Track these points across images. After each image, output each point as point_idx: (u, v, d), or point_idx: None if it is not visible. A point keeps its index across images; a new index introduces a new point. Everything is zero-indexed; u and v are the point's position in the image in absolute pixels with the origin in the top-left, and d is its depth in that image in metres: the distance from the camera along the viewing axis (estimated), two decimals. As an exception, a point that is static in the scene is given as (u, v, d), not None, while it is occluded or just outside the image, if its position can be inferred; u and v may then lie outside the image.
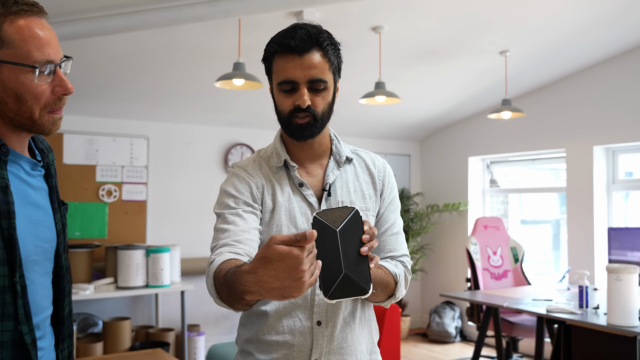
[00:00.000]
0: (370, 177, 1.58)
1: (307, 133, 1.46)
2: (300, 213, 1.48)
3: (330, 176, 1.53)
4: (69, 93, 1.26)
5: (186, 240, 5.39)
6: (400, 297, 1.51)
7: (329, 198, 1.51)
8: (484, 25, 4.05)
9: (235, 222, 1.41)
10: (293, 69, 1.41)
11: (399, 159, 6.87)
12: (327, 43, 1.44)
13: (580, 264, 5.12)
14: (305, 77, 1.41)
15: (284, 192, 1.50)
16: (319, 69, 1.42)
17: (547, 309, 3.58)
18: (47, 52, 1.21)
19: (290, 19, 3.59)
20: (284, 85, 1.43)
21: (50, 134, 1.27)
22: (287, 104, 1.44)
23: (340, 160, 1.56)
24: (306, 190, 1.50)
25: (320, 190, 1.52)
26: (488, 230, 5.28)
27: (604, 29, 4.30)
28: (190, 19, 3.29)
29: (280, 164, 1.52)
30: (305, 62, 1.41)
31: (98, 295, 4.29)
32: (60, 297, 1.34)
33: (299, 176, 1.51)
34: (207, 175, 5.59)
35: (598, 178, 5.11)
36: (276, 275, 0.98)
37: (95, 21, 3.28)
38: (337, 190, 1.52)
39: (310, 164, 1.55)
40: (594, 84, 5.08)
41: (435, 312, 6.25)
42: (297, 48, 1.40)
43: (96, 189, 5.08)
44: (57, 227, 1.33)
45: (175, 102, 5.05)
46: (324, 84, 1.44)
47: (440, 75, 5.00)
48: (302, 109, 1.43)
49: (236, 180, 1.50)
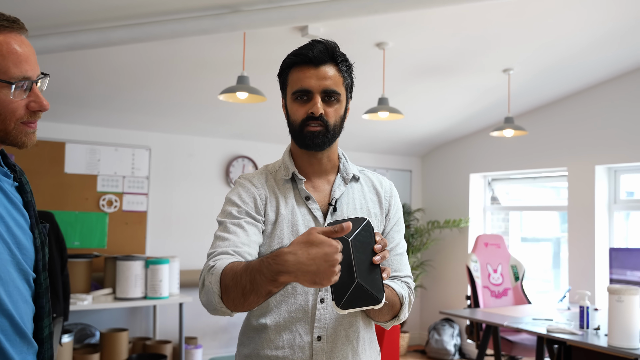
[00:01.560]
0: (377, 197, 1.61)
1: (318, 141, 1.49)
2: (304, 226, 1.49)
3: (337, 191, 1.55)
4: (44, 110, 1.26)
5: (186, 252, 5.37)
6: (403, 320, 1.51)
7: (335, 213, 1.52)
8: (487, 43, 4.06)
9: (236, 233, 1.42)
10: (309, 78, 1.46)
11: (401, 175, 6.87)
12: (342, 60, 1.51)
13: (581, 283, 5.09)
14: (320, 87, 1.46)
15: (287, 204, 1.51)
16: (333, 81, 1.48)
17: (548, 328, 3.56)
18: (24, 69, 1.22)
19: (294, 34, 3.60)
20: (298, 94, 1.48)
21: (24, 147, 1.26)
22: (300, 113, 1.48)
23: (347, 177, 1.58)
24: (312, 204, 1.52)
25: (326, 205, 1.53)
26: (489, 247, 5.27)
27: (607, 49, 4.32)
28: (196, 32, 3.31)
29: (288, 176, 1.53)
30: (320, 72, 1.47)
31: (96, 305, 4.28)
32: (39, 315, 1.32)
33: (306, 189, 1.53)
34: (208, 187, 5.59)
35: (599, 197, 5.10)
36: (314, 259, 1.08)
37: (101, 32, 3.30)
38: (343, 206, 1.54)
39: (318, 179, 1.57)
40: (597, 104, 5.09)
41: (435, 329, 6.22)
42: (314, 59, 1.46)
43: (97, 198, 5.07)
44: (36, 242, 1.31)
45: (178, 113, 5.05)
46: (337, 96, 1.49)
47: (443, 92, 5.01)
48: (315, 118, 1.47)
49: (242, 190, 1.52)
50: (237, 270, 1.22)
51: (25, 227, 1.29)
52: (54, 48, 3.31)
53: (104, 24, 3.32)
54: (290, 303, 1.46)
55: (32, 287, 1.29)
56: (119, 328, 4.76)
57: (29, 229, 1.30)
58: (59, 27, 3.30)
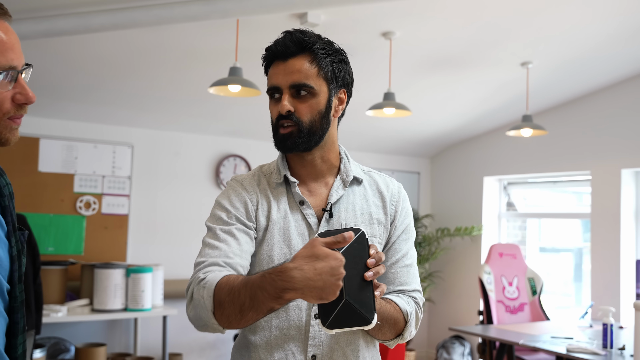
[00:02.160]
0: (381, 201, 1.58)
1: (290, 144, 1.47)
2: (297, 233, 1.48)
3: (334, 195, 1.53)
4: (30, 102, 1.25)
5: (171, 259, 5.36)
6: (408, 339, 1.50)
7: (331, 220, 1.50)
8: (504, 34, 4.06)
9: (227, 241, 1.42)
10: (277, 74, 1.48)
11: (407, 177, 6.87)
12: (318, 47, 1.47)
13: (605, 298, 5.09)
14: (287, 82, 1.46)
15: (280, 209, 1.50)
16: (302, 74, 1.45)
17: (568, 348, 3.56)
18: (10, 57, 1.21)
19: (293, 21, 3.60)
20: (270, 92, 1.50)
21: (7, 144, 1.25)
22: (274, 113, 1.50)
23: (346, 179, 1.55)
24: (306, 209, 1.50)
25: (322, 210, 1.51)
26: (503, 258, 5.27)
27: (635, 40, 4.32)
28: (184, 18, 3.31)
29: (280, 179, 1.53)
30: (288, 67, 1.46)
31: (71, 318, 4.27)
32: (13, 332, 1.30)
33: (300, 193, 1.52)
34: (196, 188, 5.58)
35: (626, 204, 5.11)
36: (320, 274, 1.12)
37: (80, 17, 3.29)
38: (340, 212, 1.52)
39: (314, 182, 1.55)
40: (624, 101, 5.09)
41: (443, 347, 6.21)
42: (280, 54, 1.47)
43: (73, 200, 5.07)
44: (12, 252, 1.30)
45: (164, 107, 5.05)
46: (308, 89, 1.46)
47: (455, 87, 5.01)
48: (283, 117, 1.46)
49: (232, 193, 1.52)
50: (234, 285, 1.24)
51: (0, 234, 1.28)
52: (28, 34, 3.30)
53: (84, 8, 3.32)
54: (282, 319, 1.45)
55: (6, 299, 1.28)
56: (97, 343, 4.75)
57: (5, 236, 1.29)
58: (34, 11, 3.29)
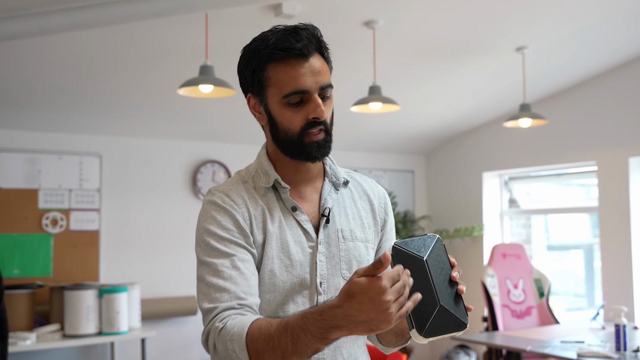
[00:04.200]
0: (369, 205, 1.63)
1: (324, 150, 1.49)
2: (294, 242, 1.49)
3: (329, 200, 1.55)
4: None
5: (147, 277, 5.34)
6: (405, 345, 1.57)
7: (328, 225, 1.52)
8: (495, 18, 4.08)
9: (232, 278, 1.40)
10: (304, 76, 1.43)
11: (401, 176, 6.88)
12: (326, 46, 1.49)
13: (617, 297, 5.12)
14: (317, 84, 1.44)
15: (274, 218, 1.50)
16: (327, 74, 1.47)
17: (579, 352, 3.58)
18: None
19: (266, 13, 3.60)
20: (293, 97, 1.44)
21: None
22: (298, 120, 1.46)
23: (337, 182, 1.58)
24: (300, 215, 1.52)
25: (317, 216, 1.54)
26: (507, 259, 5.29)
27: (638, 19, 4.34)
28: (148, 15, 3.30)
29: (269, 184, 1.52)
30: (314, 66, 1.44)
31: (41, 345, 4.24)
32: None
33: (292, 199, 1.52)
34: (171, 199, 5.57)
35: (635, 195, 5.13)
36: (361, 308, 1.15)
37: (34, 18, 3.28)
38: (334, 217, 1.55)
39: (304, 187, 1.56)
40: (630, 85, 5.12)
41: (447, 358, 6.22)
42: (304, 50, 1.43)
43: (39, 217, 5.04)
44: None
45: (133, 112, 5.04)
46: (330, 90, 1.48)
47: (446, 78, 5.02)
48: (318, 123, 1.45)
49: (217, 214, 1.48)
50: (271, 333, 1.27)
51: None
52: (-21, 39, 3.29)
53: (37, 8, 3.30)
54: None
55: None
56: (70, 371, 4.73)
57: None
58: (-16, 14, 3.28)
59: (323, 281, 1.49)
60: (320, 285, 1.48)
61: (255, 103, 1.52)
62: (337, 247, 1.52)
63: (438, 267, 1.24)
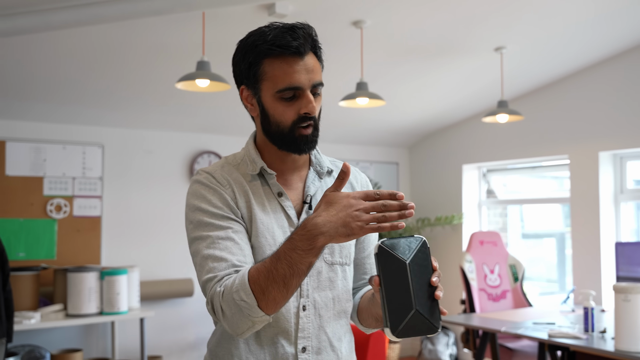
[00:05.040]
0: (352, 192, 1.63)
1: (311, 145, 1.49)
2: (278, 225, 1.49)
3: (311, 187, 1.55)
4: None
5: (146, 260, 5.34)
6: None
7: (310, 211, 1.52)
8: (477, 19, 4.09)
9: (229, 249, 1.40)
10: (298, 73, 1.43)
11: (386, 168, 6.89)
12: (319, 44, 1.49)
13: (586, 282, 5.16)
14: (310, 82, 1.45)
15: (257, 202, 1.50)
16: (319, 72, 1.48)
17: (549, 333, 3.60)
18: None
19: (260, 12, 3.60)
20: (286, 92, 1.43)
21: None
22: (290, 114, 1.45)
23: (321, 171, 1.59)
24: (285, 201, 1.51)
25: (300, 203, 1.54)
26: (484, 246, 5.31)
27: (610, 22, 4.37)
28: (148, 13, 3.29)
29: (255, 171, 1.52)
30: (308, 64, 1.44)
31: (45, 324, 4.23)
32: None
33: (279, 184, 1.52)
34: (170, 187, 5.56)
35: (604, 187, 5.17)
36: (337, 213, 1.24)
37: (40, 15, 3.26)
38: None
39: (290, 175, 1.56)
40: (600, 84, 5.15)
41: (428, 338, 6.26)
42: (300, 49, 1.42)
43: (44, 203, 5.03)
44: None
45: (133, 105, 5.02)
46: (321, 88, 1.49)
47: (429, 75, 5.03)
48: (309, 118, 1.46)
49: (206, 192, 1.47)
50: (267, 267, 1.29)
51: None
52: (-12, 34, 3.27)
53: (44, 5, 3.28)
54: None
55: None
56: (72, 349, 4.73)
57: None
58: (-7, 10, 3.26)
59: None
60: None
61: (248, 95, 1.51)
62: None
63: (419, 271, 1.24)
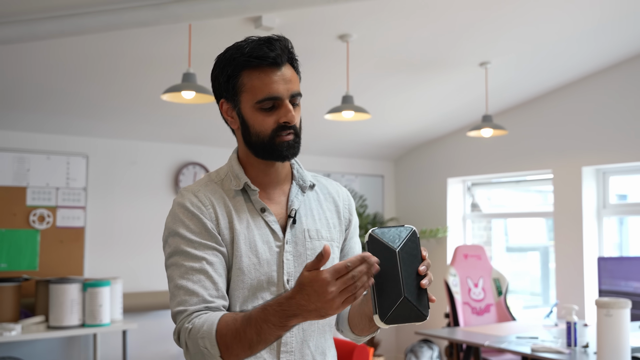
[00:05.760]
0: (334, 206, 1.64)
1: (294, 150, 1.50)
2: (262, 241, 1.49)
3: (295, 202, 1.56)
4: None
5: (130, 272, 5.30)
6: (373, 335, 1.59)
7: (294, 226, 1.53)
8: (462, 34, 4.12)
9: (201, 282, 1.41)
10: (277, 83, 1.45)
11: (371, 180, 6.90)
12: (295, 56, 1.52)
13: (569, 296, 5.18)
14: (288, 92, 1.47)
15: (242, 219, 1.50)
16: (297, 83, 1.50)
17: (532, 348, 3.61)
18: None
19: (247, 25, 3.60)
20: (265, 102, 1.45)
21: None
22: (269, 123, 1.47)
23: (304, 185, 1.59)
24: (269, 216, 1.52)
25: (284, 217, 1.54)
26: (469, 259, 5.33)
27: (594, 39, 4.41)
28: (134, 24, 3.28)
29: (239, 187, 1.52)
30: (285, 75, 1.46)
31: (26, 336, 4.19)
32: None
33: (261, 200, 1.53)
34: (154, 198, 5.53)
35: (587, 201, 5.20)
36: (309, 298, 1.20)
37: (25, 25, 3.24)
38: (301, 218, 1.56)
39: (273, 190, 1.57)
40: (583, 100, 5.19)
41: (412, 352, 6.24)
42: (278, 59, 1.45)
43: (26, 213, 4.98)
44: None
45: (118, 115, 5.00)
46: (299, 98, 1.50)
47: (415, 89, 5.05)
48: (289, 127, 1.47)
49: (185, 218, 1.47)
50: (237, 327, 1.30)
51: None
52: (-29, 43, 3.25)
53: (29, 15, 3.27)
54: None
55: None
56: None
57: None
58: (-23, 19, 3.24)
59: (290, 279, 1.49)
60: (288, 282, 1.49)
61: (228, 108, 1.53)
62: (304, 246, 1.53)
63: (408, 260, 1.26)
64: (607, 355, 3.14)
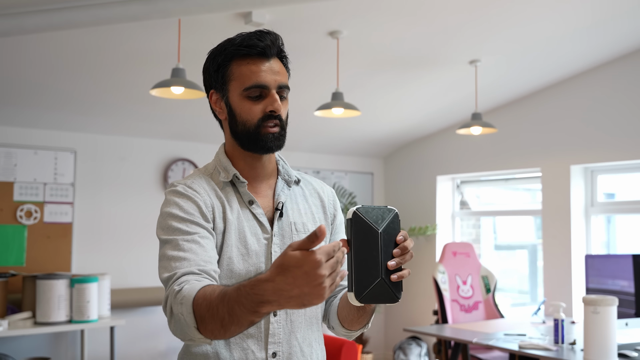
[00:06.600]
0: (320, 202, 1.68)
1: (279, 143, 1.52)
2: (251, 233, 1.51)
3: (282, 195, 1.59)
4: None
5: (118, 268, 5.28)
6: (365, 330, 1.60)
7: (281, 219, 1.56)
8: (452, 32, 4.12)
9: (192, 250, 1.40)
10: (264, 72, 1.49)
11: (361, 178, 6.91)
12: (285, 53, 1.56)
13: (557, 294, 5.21)
14: (275, 82, 1.50)
15: (232, 209, 1.52)
16: (285, 76, 1.53)
17: (520, 344, 3.63)
18: None
19: (237, 20, 3.59)
20: (252, 90, 1.49)
21: None
22: (256, 112, 1.50)
23: (289, 180, 1.63)
24: (256, 209, 1.54)
25: (271, 210, 1.57)
26: (457, 257, 5.34)
27: (583, 38, 4.43)
28: (124, 18, 3.26)
29: (227, 179, 1.54)
30: (273, 67, 1.50)
31: (13, 332, 4.16)
32: None
33: (249, 193, 1.55)
34: (143, 194, 5.51)
35: (575, 200, 5.23)
36: (294, 282, 1.06)
37: (13, 18, 3.21)
38: (288, 211, 1.59)
39: (259, 183, 1.59)
40: (572, 98, 5.22)
41: (400, 349, 6.26)
42: (267, 50, 1.49)
43: (14, 209, 4.95)
44: None
45: (107, 111, 4.97)
46: (287, 92, 1.54)
47: (405, 87, 5.06)
48: (274, 116, 1.49)
49: (179, 199, 1.48)
50: (212, 300, 1.21)
51: None
52: (-42, 36, 3.22)
53: (16, 8, 3.24)
54: None
55: None
56: (41, 357, 4.65)
57: None
58: (-36, 12, 3.21)
59: None
60: None
61: (217, 99, 1.57)
62: (290, 238, 1.55)
63: (389, 242, 1.28)
64: (594, 352, 3.16)
